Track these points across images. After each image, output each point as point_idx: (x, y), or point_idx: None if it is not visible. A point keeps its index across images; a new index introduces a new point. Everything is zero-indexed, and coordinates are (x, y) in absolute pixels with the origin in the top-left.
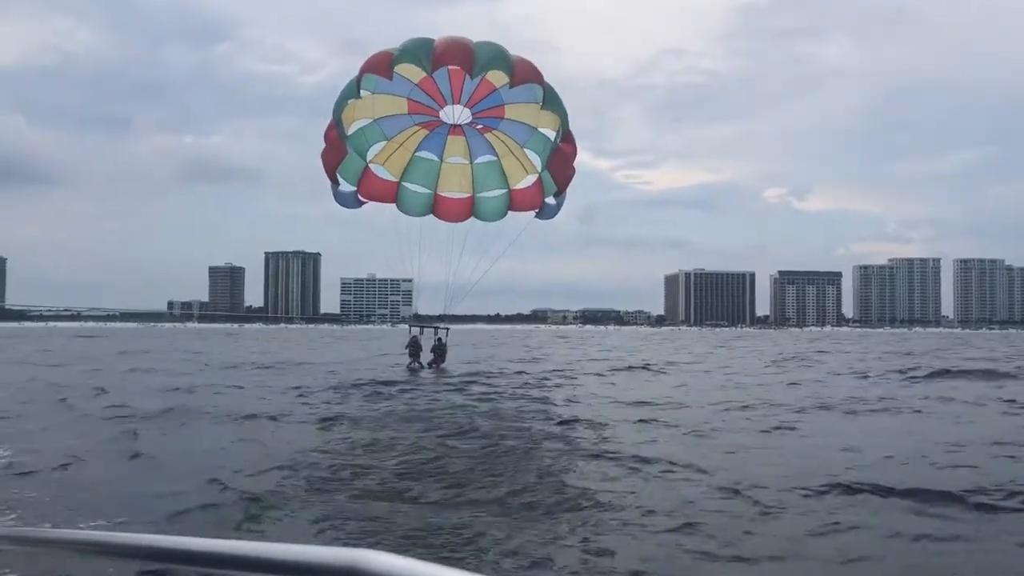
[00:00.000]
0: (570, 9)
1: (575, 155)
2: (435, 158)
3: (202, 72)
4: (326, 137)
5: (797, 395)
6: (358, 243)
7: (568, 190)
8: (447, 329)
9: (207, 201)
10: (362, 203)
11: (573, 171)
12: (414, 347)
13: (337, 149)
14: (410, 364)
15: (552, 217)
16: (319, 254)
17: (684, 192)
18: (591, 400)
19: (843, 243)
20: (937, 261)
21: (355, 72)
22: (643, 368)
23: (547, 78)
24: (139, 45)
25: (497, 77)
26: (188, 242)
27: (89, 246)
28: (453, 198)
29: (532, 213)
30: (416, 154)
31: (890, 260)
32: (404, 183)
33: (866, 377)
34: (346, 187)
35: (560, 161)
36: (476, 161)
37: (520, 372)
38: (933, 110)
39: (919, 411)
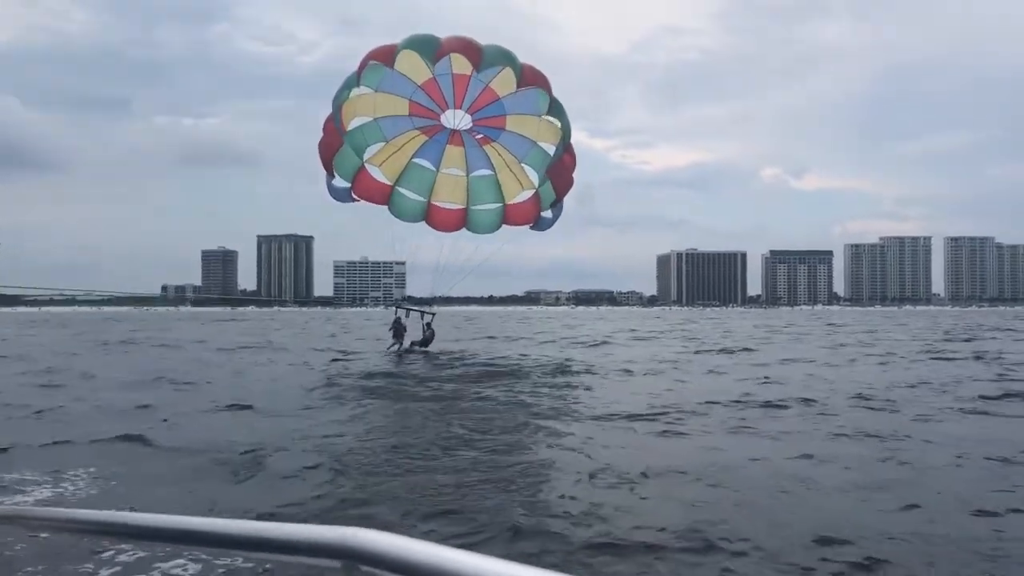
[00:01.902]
0: None
1: (574, 166)
2: (432, 167)
3: (199, 53)
4: (324, 128)
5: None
6: (352, 226)
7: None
8: (433, 314)
9: (203, 184)
10: (355, 200)
11: (572, 182)
12: (397, 329)
13: (334, 141)
14: (391, 347)
15: (547, 229)
16: (312, 237)
17: (681, 172)
18: None
19: (839, 222)
20: (928, 239)
21: (353, 53)
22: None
23: (547, 56)
24: (134, 26)
25: (503, 80)
26: (183, 226)
27: (83, 230)
28: (446, 208)
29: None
30: (413, 160)
31: (881, 238)
32: (399, 188)
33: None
34: (340, 182)
35: (560, 172)
36: (473, 174)
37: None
38: (931, 90)
39: None
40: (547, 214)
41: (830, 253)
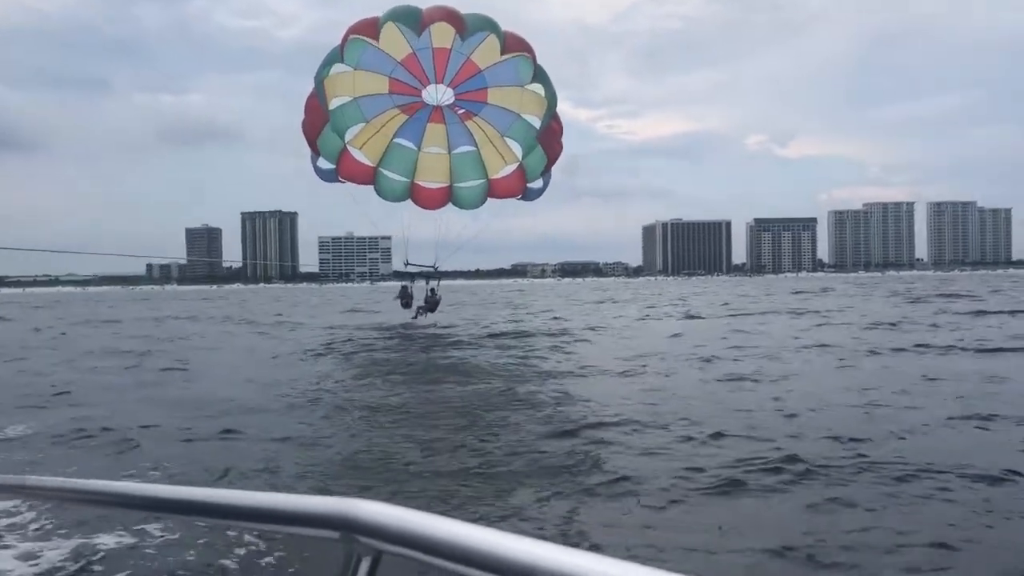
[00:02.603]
0: None
1: (561, 132)
2: (413, 147)
3: (177, 29)
4: (308, 105)
5: None
6: (337, 201)
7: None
8: (439, 280)
9: (185, 161)
10: (341, 181)
11: (560, 149)
12: (404, 296)
13: (317, 119)
14: (414, 316)
15: (536, 199)
16: (296, 213)
17: (666, 141)
18: None
19: (825, 189)
20: (911, 205)
21: (333, 25)
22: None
23: (529, 25)
24: (112, 2)
25: (485, 49)
26: (167, 203)
27: (68, 209)
28: (430, 187)
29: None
30: (394, 140)
31: (865, 205)
32: (381, 169)
33: None
34: (325, 163)
35: (547, 140)
36: (455, 151)
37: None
38: (916, 55)
39: None
40: (535, 184)
41: (814, 220)
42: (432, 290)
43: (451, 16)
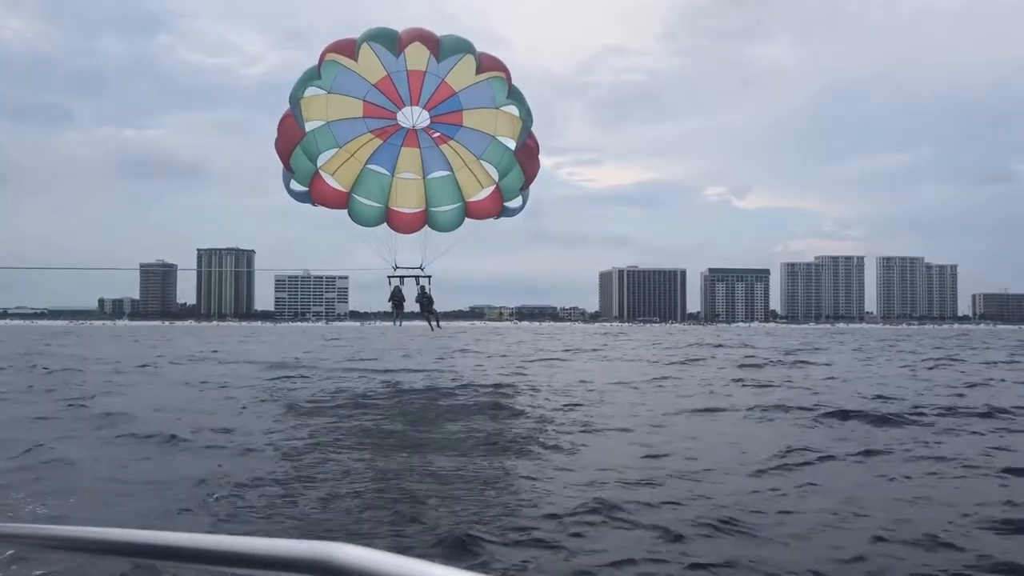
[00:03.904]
0: (512, 4)
1: (538, 150)
2: (387, 172)
3: (141, 64)
4: (282, 123)
5: None
6: (293, 239)
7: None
8: (429, 277)
9: (143, 196)
10: (314, 204)
11: (538, 165)
12: (397, 298)
13: (292, 135)
14: (396, 320)
15: (513, 216)
16: (253, 251)
17: (627, 190)
18: None
19: (781, 241)
20: (861, 259)
21: (298, 65)
22: None
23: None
24: (74, 35)
25: (460, 71)
26: (122, 238)
27: (21, 242)
28: (406, 212)
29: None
30: (367, 167)
31: (816, 258)
32: (355, 195)
33: None
34: (297, 186)
35: (526, 157)
36: (429, 176)
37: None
38: (870, 112)
39: None
40: (513, 203)
41: (767, 271)
42: (423, 288)
43: (426, 38)
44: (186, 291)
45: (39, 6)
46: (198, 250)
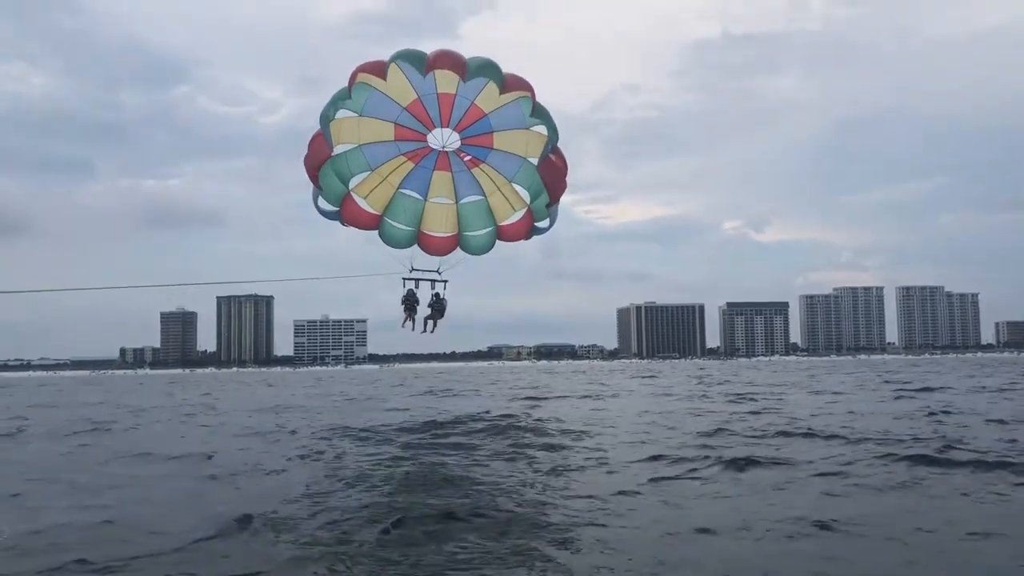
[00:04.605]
0: (528, 44)
1: (566, 168)
2: (419, 197)
3: (161, 114)
4: (313, 141)
5: None
6: (313, 284)
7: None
8: (445, 282)
9: (164, 245)
10: (345, 224)
11: (565, 184)
12: (410, 300)
13: (322, 156)
14: (404, 322)
15: (543, 234)
16: (272, 297)
17: (643, 226)
18: None
19: (801, 273)
20: (880, 289)
21: (315, 111)
22: None
23: None
24: (96, 89)
25: (488, 94)
26: (143, 287)
27: (44, 293)
28: (438, 236)
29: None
30: (399, 191)
31: (835, 289)
32: (387, 219)
33: None
34: (327, 205)
35: (550, 173)
36: (462, 201)
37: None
38: (885, 142)
39: None
40: (542, 224)
41: (786, 304)
42: (437, 295)
43: (455, 63)
44: (206, 338)
45: (62, 61)
46: (217, 297)
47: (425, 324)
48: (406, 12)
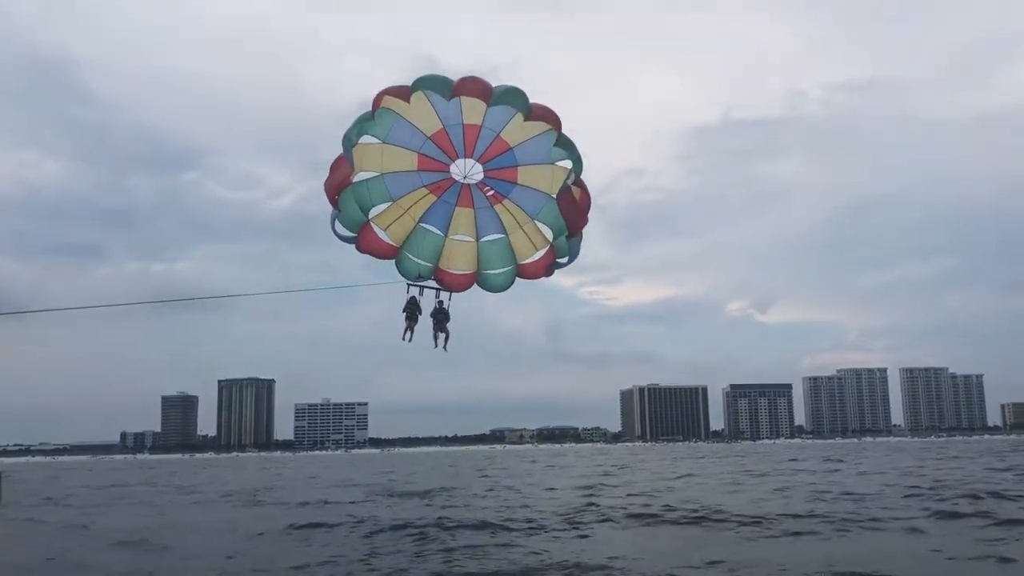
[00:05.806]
0: None
1: (588, 205)
2: (439, 232)
3: (170, 200)
4: (334, 165)
5: None
6: (315, 366)
7: (537, 304)
8: (449, 292)
9: (170, 329)
10: (361, 251)
11: (586, 219)
12: (411, 308)
13: (345, 180)
14: (405, 333)
15: (562, 268)
16: (273, 380)
17: (648, 307)
18: None
19: (807, 354)
20: (884, 370)
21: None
22: None
23: None
24: (106, 175)
25: (514, 126)
26: (145, 371)
27: (45, 377)
28: (457, 273)
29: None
30: (420, 224)
31: (838, 371)
32: (405, 252)
33: None
34: (345, 231)
35: (568, 206)
36: (483, 240)
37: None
38: (890, 224)
39: None
40: (563, 260)
41: (789, 386)
42: (441, 302)
43: (483, 90)
44: (207, 422)
45: (74, 147)
46: (219, 381)
47: (435, 339)
48: None
